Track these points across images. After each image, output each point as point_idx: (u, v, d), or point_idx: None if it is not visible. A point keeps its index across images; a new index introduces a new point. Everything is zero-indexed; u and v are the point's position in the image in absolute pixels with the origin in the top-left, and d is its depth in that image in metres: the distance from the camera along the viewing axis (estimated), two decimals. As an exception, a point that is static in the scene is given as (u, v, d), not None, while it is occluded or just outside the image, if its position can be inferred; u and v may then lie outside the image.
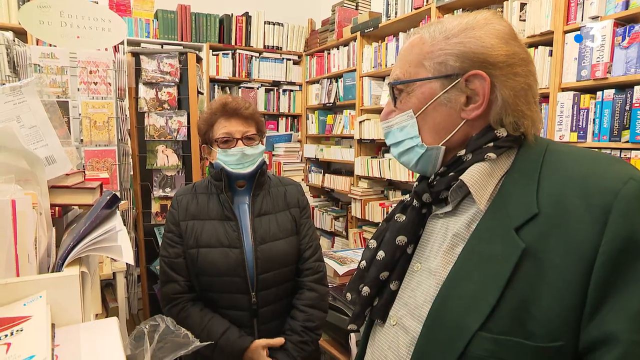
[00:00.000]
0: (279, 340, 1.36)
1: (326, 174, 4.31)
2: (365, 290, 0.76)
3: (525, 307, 0.56)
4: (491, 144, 0.66)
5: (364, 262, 0.79)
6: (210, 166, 1.43)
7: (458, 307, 0.61)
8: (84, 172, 1.04)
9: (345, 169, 4.29)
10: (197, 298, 1.39)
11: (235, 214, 1.37)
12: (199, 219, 1.38)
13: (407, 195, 0.79)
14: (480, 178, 0.65)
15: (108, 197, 0.78)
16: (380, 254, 0.75)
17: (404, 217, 0.75)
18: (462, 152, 0.68)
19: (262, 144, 1.44)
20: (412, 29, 3.12)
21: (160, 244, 1.49)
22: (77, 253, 0.68)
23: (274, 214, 1.42)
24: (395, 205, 0.80)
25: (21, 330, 0.53)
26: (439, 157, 0.70)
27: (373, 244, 0.78)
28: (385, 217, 0.81)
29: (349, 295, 0.79)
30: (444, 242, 0.68)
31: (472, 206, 0.67)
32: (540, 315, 0.55)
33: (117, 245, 0.71)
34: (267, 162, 2.81)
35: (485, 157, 0.65)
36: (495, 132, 0.66)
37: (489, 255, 0.60)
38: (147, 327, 0.70)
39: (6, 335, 0.52)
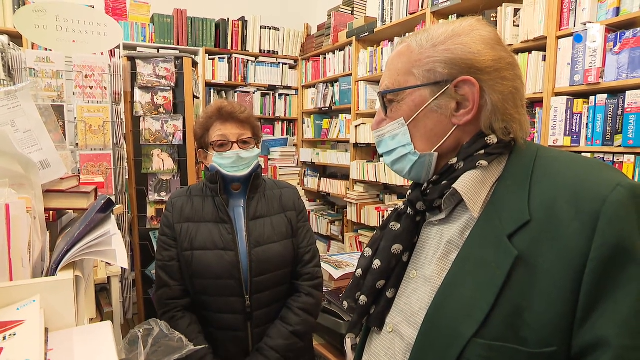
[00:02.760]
0: None
1: (322, 178, 4.32)
2: (363, 299, 0.76)
3: (519, 313, 0.56)
4: (482, 152, 0.67)
5: (359, 271, 0.79)
6: (206, 170, 1.44)
7: (453, 314, 0.61)
8: (79, 176, 1.04)
9: (341, 173, 4.30)
10: (190, 303, 1.39)
11: (230, 216, 1.37)
12: (193, 222, 1.38)
13: (401, 203, 0.79)
14: (473, 186, 0.65)
15: (102, 202, 0.78)
16: (377, 262, 0.75)
17: (398, 226, 0.75)
18: (454, 160, 0.69)
19: (258, 148, 1.45)
20: (406, 34, 3.14)
21: (155, 247, 1.49)
22: (71, 257, 0.68)
23: (269, 216, 1.42)
24: (389, 211, 0.80)
25: (14, 335, 0.53)
26: (432, 163, 0.71)
27: (368, 252, 0.79)
28: (380, 223, 0.81)
29: (345, 303, 0.80)
30: (438, 249, 0.69)
31: (465, 213, 0.68)
32: (533, 322, 0.55)
33: (112, 249, 0.71)
34: (263, 166, 2.81)
35: (477, 164, 0.66)
36: (486, 139, 0.67)
37: (483, 262, 0.61)
38: (141, 331, 0.70)
39: (-1, 340, 0.52)
